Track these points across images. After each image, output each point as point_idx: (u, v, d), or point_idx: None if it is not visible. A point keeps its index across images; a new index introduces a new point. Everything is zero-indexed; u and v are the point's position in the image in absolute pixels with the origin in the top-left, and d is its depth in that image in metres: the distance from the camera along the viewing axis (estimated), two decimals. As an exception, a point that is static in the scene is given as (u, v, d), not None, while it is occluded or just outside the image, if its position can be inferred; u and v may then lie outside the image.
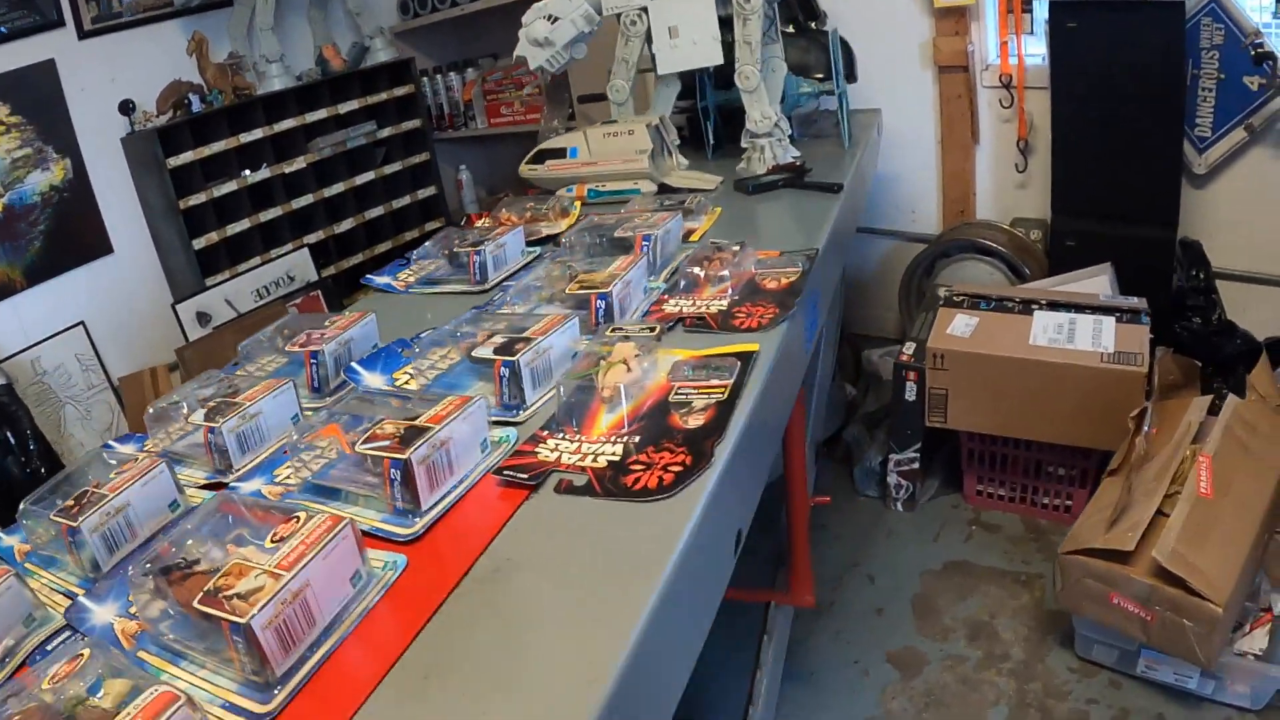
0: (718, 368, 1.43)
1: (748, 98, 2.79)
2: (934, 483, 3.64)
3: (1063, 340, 3.10)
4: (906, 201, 4.44)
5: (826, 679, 2.88)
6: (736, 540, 1.32)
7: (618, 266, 1.76)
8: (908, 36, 4.16)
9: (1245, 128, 3.66)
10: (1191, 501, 2.43)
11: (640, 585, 1.00)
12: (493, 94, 5.59)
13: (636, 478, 1.19)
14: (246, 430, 1.46)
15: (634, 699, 0.94)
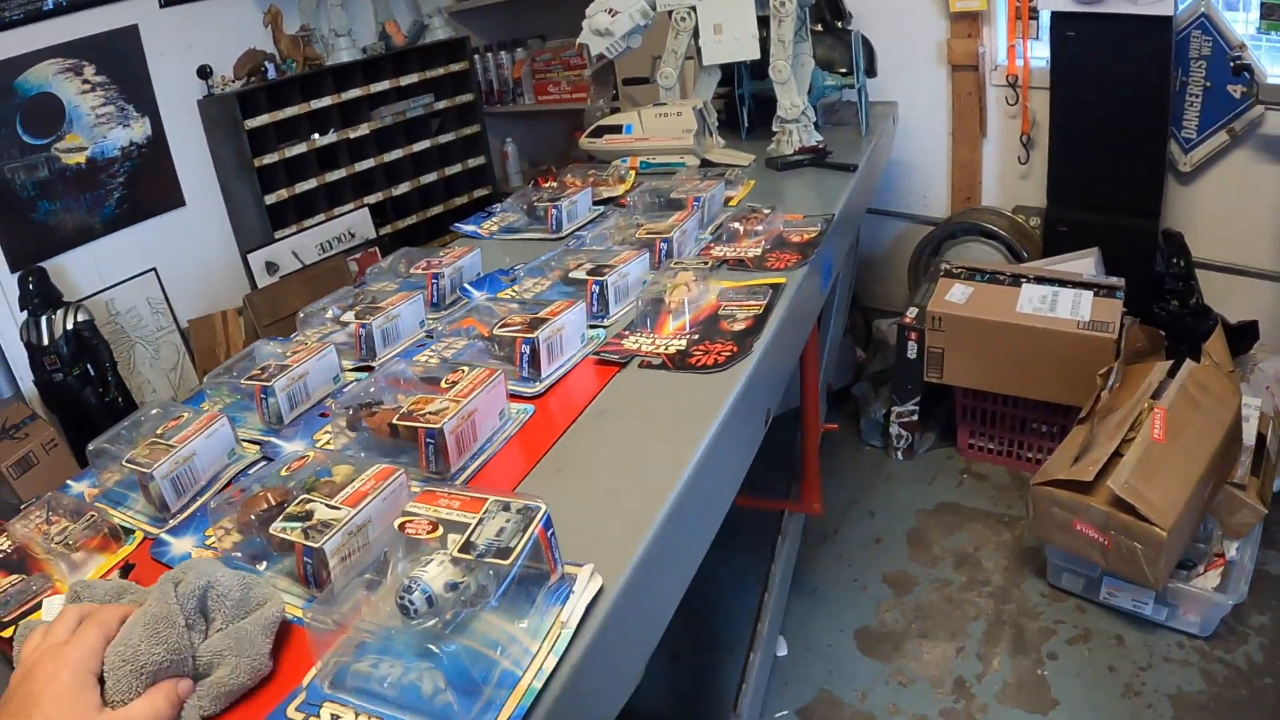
0: (755, 293, 1.89)
1: (779, 88, 3.12)
2: (931, 435, 4.02)
3: (1045, 309, 3.47)
4: (918, 187, 4.75)
5: (829, 593, 3.25)
6: (766, 417, 1.77)
7: (676, 218, 2.21)
8: (925, 37, 4.46)
9: (1227, 131, 4.01)
10: (1145, 444, 2.80)
11: (705, 421, 1.46)
12: (541, 73, 5.89)
13: (697, 359, 1.64)
14: (388, 328, 1.89)
15: (700, 490, 1.40)
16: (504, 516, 1.09)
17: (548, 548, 1.08)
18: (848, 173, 2.95)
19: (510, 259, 2.36)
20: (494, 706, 0.98)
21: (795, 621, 3.14)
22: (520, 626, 1.06)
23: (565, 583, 1.11)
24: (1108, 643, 3.03)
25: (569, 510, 1.22)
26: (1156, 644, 3.01)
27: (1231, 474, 3.10)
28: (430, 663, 1.00)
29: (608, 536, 1.22)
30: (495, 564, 1.04)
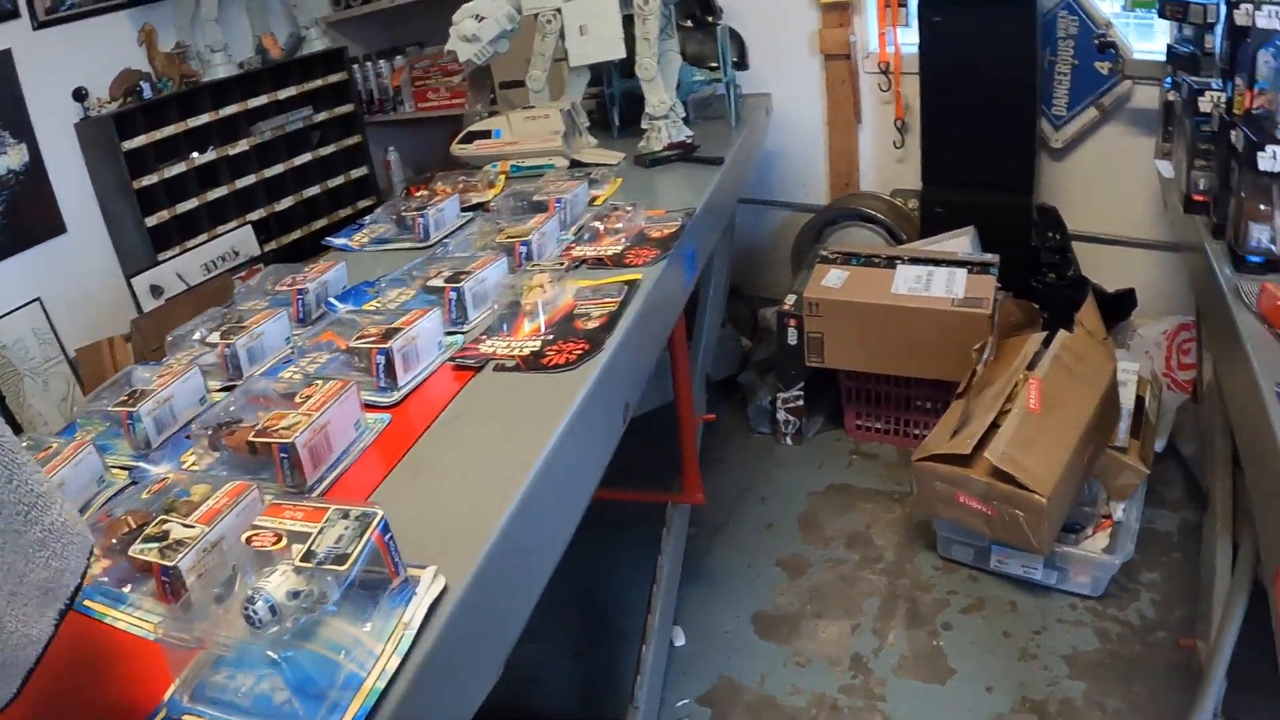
0: (611, 290, 1.92)
1: (646, 86, 3.16)
2: (819, 419, 4.08)
3: (920, 289, 3.55)
4: (798, 176, 4.82)
5: (724, 580, 3.29)
6: (625, 411, 1.81)
7: (536, 221, 2.24)
8: (797, 29, 4.53)
9: (1096, 107, 4.12)
10: (1021, 414, 2.88)
11: (553, 419, 1.50)
12: (420, 80, 5.86)
13: (550, 359, 1.68)
14: (253, 346, 1.90)
15: (551, 486, 1.44)
16: (343, 524, 1.12)
17: (386, 552, 1.11)
18: (714, 166, 2.99)
19: (382, 270, 2.37)
20: (339, 708, 1.01)
21: (692, 611, 3.18)
22: (365, 630, 1.09)
23: (409, 585, 1.14)
24: (1001, 609, 3.10)
25: (419, 514, 1.26)
26: (1049, 607, 3.09)
27: (1112, 438, 3.19)
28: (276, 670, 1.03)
29: (455, 537, 1.25)
30: (333, 570, 1.07)
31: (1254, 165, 2.20)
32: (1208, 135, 2.71)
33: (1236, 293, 2.19)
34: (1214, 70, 2.75)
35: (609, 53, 3.20)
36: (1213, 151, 2.68)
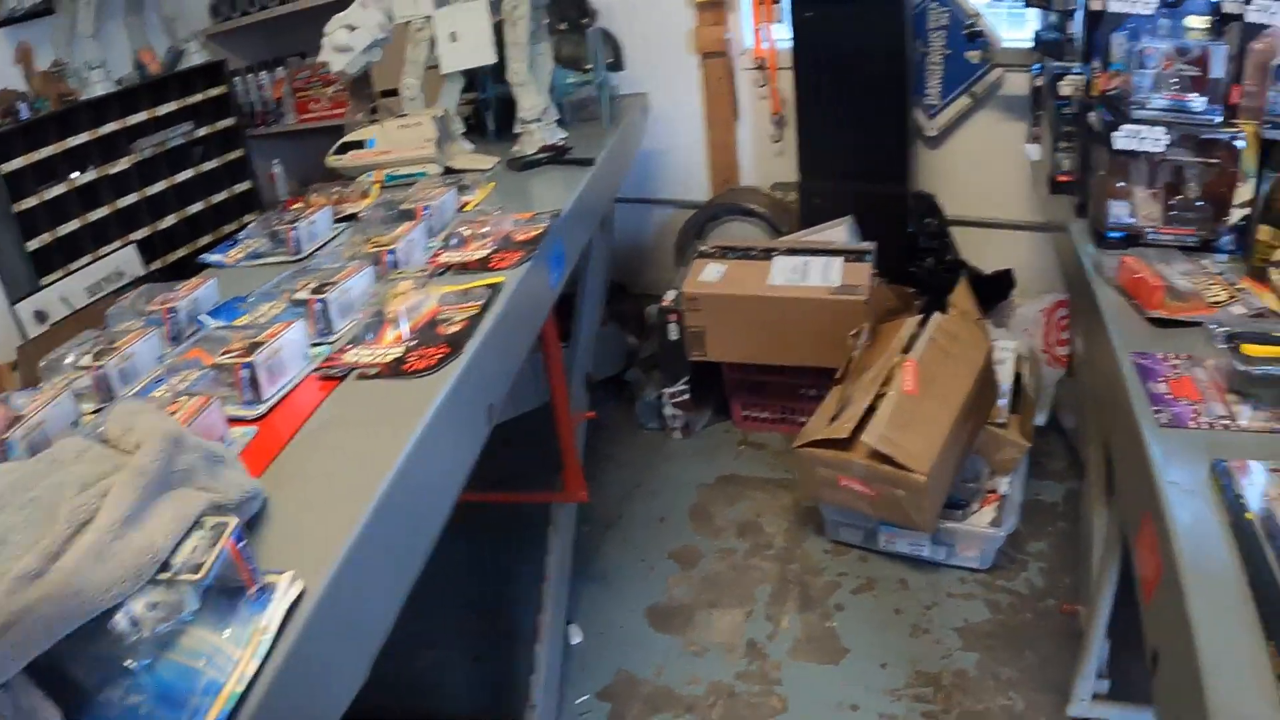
0: (473, 295, 1.96)
1: (518, 90, 3.19)
2: (707, 412, 4.13)
3: (797, 279, 3.61)
4: (679, 173, 4.87)
5: (618, 577, 3.33)
6: (488, 413, 1.84)
7: (403, 229, 2.26)
8: (674, 28, 4.58)
9: (969, 95, 4.22)
10: (898, 396, 2.95)
11: (412, 422, 1.52)
12: (301, 91, 5.84)
13: (411, 365, 1.70)
14: (125, 367, 1.91)
15: (411, 490, 1.47)
16: (199, 534, 1.14)
17: (240, 559, 1.14)
18: (585, 167, 3.02)
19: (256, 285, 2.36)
20: (200, 713, 1.03)
21: (587, 608, 3.21)
22: (224, 636, 1.11)
23: (267, 590, 1.16)
24: (892, 588, 3.18)
25: (280, 522, 1.28)
26: (939, 582, 3.18)
27: (993, 415, 3.27)
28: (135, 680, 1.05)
29: (313, 542, 1.27)
30: (188, 579, 1.09)
31: (1110, 145, 2.28)
32: (1069, 118, 2.79)
33: (1097, 268, 2.26)
34: (1075, 55, 2.82)
35: (480, 59, 3.21)
36: (1074, 133, 2.76)
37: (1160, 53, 2.31)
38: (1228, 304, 2.03)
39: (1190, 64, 2.32)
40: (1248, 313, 2.00)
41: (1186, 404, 1.66)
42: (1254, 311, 2.01)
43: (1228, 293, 2.07)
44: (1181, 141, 2.28)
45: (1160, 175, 2.33)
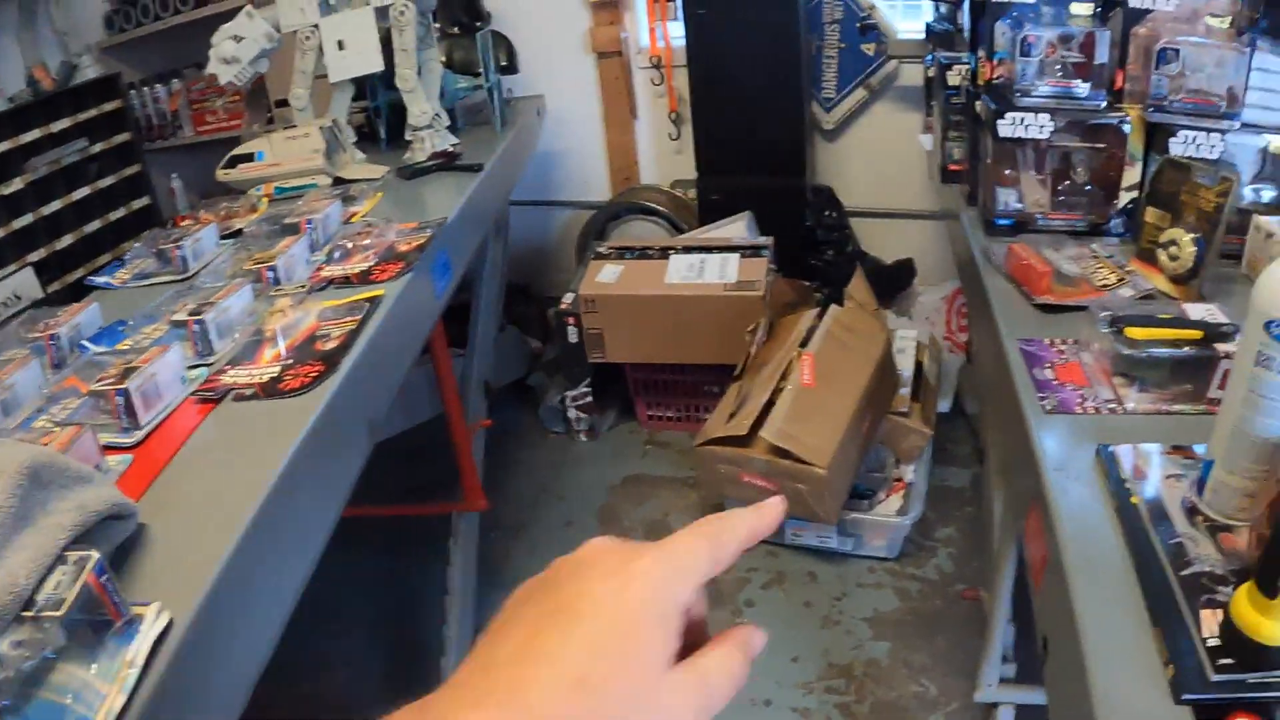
0: (353, 309, 1.92)
1: (407, 97, 3.15)
2: (612, 413, 4.13)
3: (694, 276, 3.61)
4: (579, 174, 4.87)
5: (527, 584, 3.30)
6: (369, 428, 1.81)
7: (284, 244, 2.23)
8: (569, 28, 4.58)
9: (865, 87, 4.26)
10: (796, 390, 2.95)
11: (285, 443, 1.49)
12: (198, 103, 5.72)
13: (286, 384, 1.67)
14: (7, 399, 1.86)
15: (285, 511, 1.44)
16: (62, 570, 1.11)
17: (104, 593, 1.11)
18: (474, 173, 3.00)
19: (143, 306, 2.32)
20: (67, 751, 1.00)
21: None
22: (91, 671, 1.08)
23: (134, 623, 1.14)
24: (801, 581, 3.20)
25: (153, 551, 1.25)
26: (848, 573, 3.20)
27: (895, 404, 3.29)
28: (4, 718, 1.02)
29: (182, 572, 1.24)
30: (51, 616, 1.06)
31: (995, 132, 2.29)
32: (958, 107, 2.82)
33: (986, 255, 2.27)
34: (964, 45, 2.84)
35: (367, 66, 3.17)
36: (963, 122, 2.78)
37: (1043, 40, 2.33)
38: (1116, 287, 2.05)
39: (1074, 50, 2.34)
40: (1136, 295, 2.02)
41: (1073, 389, 1.67)
42: (1142, 293, 2.03)
43: (1117, 275, 2.09)
44: (1068, 127, 2.30)
45: (1048, 161, 2.35)
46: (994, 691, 2.59)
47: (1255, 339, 1.15)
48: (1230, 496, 1.26)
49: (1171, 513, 1.30)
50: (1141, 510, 1.31)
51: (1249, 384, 1.17)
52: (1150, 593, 1.18)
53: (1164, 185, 2.13)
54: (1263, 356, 1.14)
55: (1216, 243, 2.00)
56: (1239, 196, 2.18)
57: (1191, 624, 1.11)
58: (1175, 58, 2.25)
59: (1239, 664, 1.04)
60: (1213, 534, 1.25)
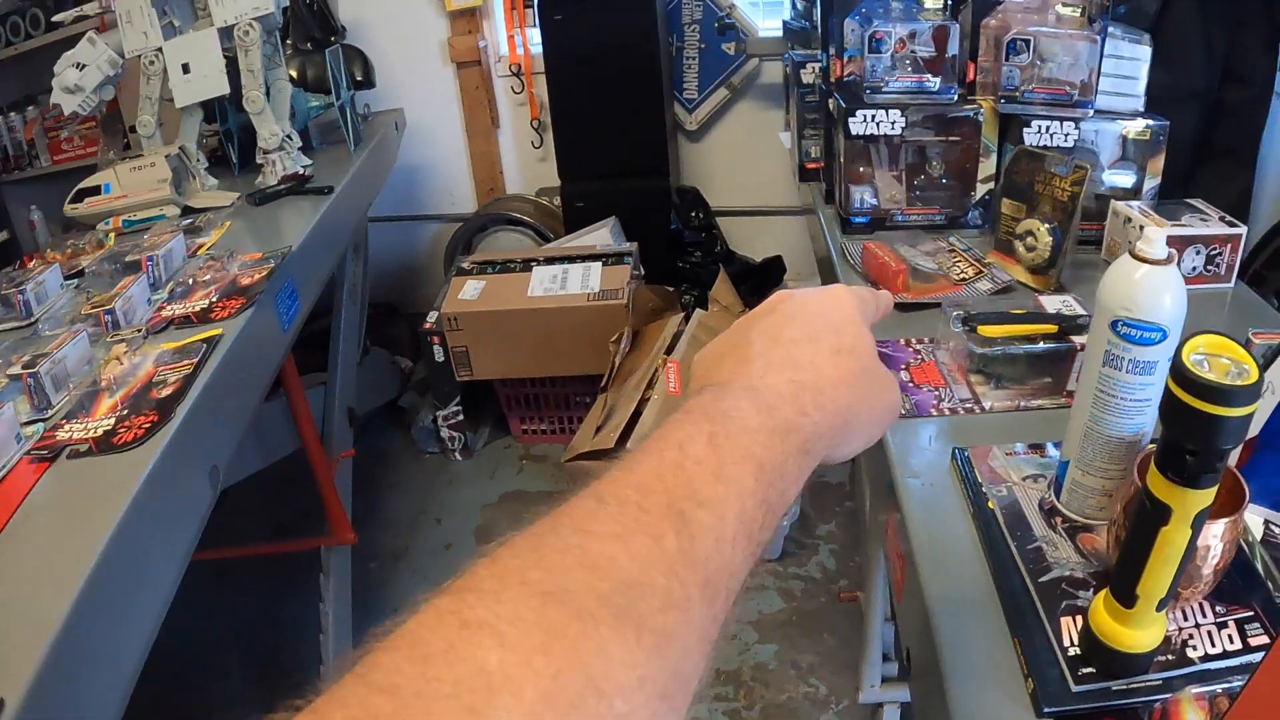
0: (191, 352, 1.85)
1: (256, 119, 3.07)
2: (485, 430, 4.08)
3: (557, 288, 3.58)
4: (443, 186, 4.80)
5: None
6: (214, 475, 1.74)
7: (122, 285, 2.14)
8: (427, 39, 4.51)
9: (727, 87, 4.27)
10: (662, 399, 2.91)
11: (118, 501, 1.42)
12: (53, 131, 5.54)
13: (121, 437, 1.59)
14: None
15: (122, 572, 1.37)
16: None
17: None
18: (324, 195, 2.93)
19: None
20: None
21: (380, 646, 3.10)
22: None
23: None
24: (684, 590, 3.14)
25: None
26: (731, 578, 3.14)
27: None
28: None
29: (14, 649, 1.18)
30: None
31: (848, 130, 2.29)
32: (812, 105, 2.82)
33: (844, 255, 2.27)
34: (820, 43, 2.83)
35: (213, 89, 3.08)
36: (818, 120, 2.78)
37: (893, 35, 2.33)
38: (975, 280, 2.05)
39: (925, 45, 2.34)
40: (994, 288, 2.03)
41: (929, 390, 1.65)
42: (1001, 286, 2.03)
43: (975, 268, 2.09)
44: (923, 122, 2.31)
45: (903, 157, 2.35)
46: (876, 692, 2.59)
47: (1103, 338, 1.13)
48: (1087, 497, 1.25)
49: (1029, 516, 1.29)
50: (998, 515, 1.29)
51: (1099, 383, 1.16)
52: (1008, 602, 1.16)
53: (1019, 176, 2.14)
54: (1110, 356, 1.13)
55: (1073, 231, 2.01)
56: (1098, 182, 2.20)
57: (1051, 633, 1.09)
58: (1026, 48, 2.27)
59: (1100, 673, 1.03)
60: (1072, 536, 1.24)
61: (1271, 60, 3.05)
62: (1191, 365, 0.87)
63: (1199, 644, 1.06)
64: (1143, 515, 0.94)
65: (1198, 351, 0.89)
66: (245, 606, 3.33)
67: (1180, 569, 0.95)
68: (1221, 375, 0.86)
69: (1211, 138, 3.12)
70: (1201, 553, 1.03)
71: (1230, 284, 2.02)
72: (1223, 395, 0.85)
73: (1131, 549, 0.97)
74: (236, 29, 3.00)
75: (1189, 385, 0.87)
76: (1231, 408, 0.85)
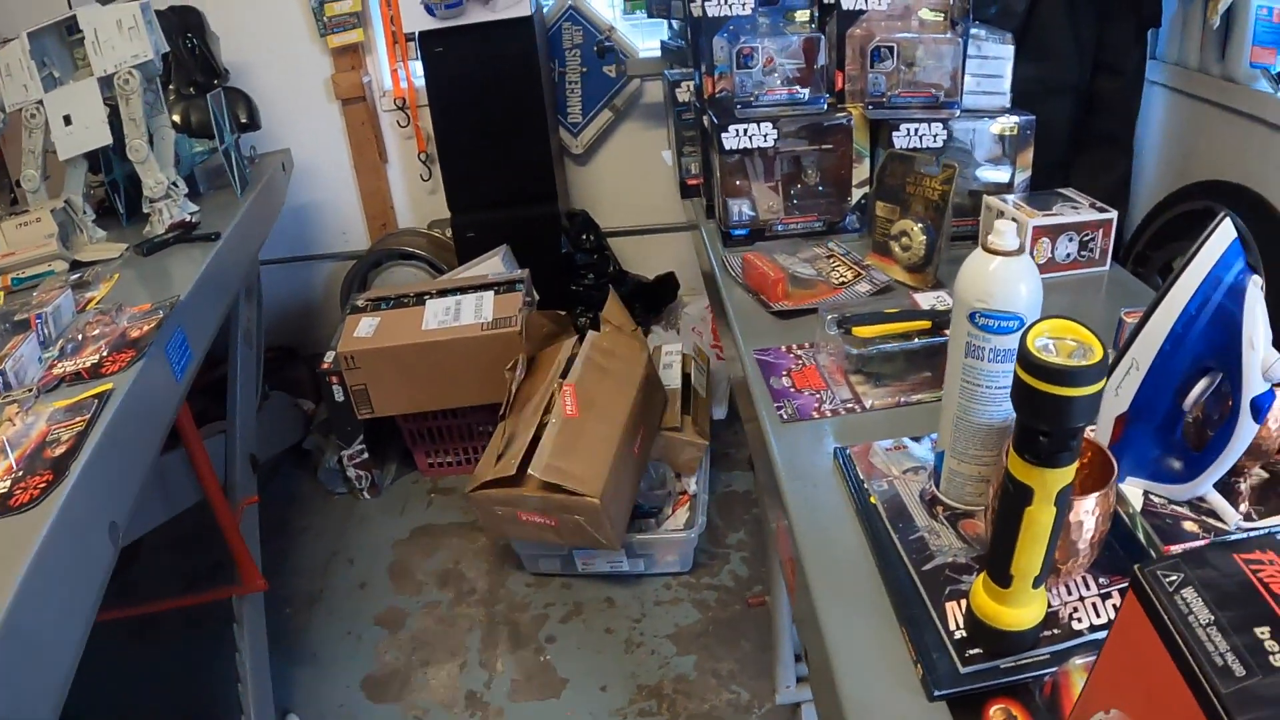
0: (83, 408, 1.85)
1: (140, 168, 3.04)
2: (392, 466, 4.08)
3: (450, 320, 3.59)
4: (335, 225, 4.78)
5: (326, 654, 3.22)
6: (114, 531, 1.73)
7: (11, 345, 2.12)
8: (311, 77, 4.48)
9: (610, 109, 4.30)
10: (560, 423, 2.93)
11: (16, 564, 1.41)
12: (-69, 189, 5.53)
13: (16, 499, 1.59)
14: None
15: (24, 639, 1.36)
16: None
17: None
18: (211, 241, 2.92)
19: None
20: None
21: (304, 692, 3.10)
22: None
23: None
24: (599, 609, 3.21)
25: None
26: (644, 594, 3.23)
27: (668, 420, 3.33)
28: None
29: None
30: None
31: (722, 145, 2.34)
32: (689, 123, 2.86)
33: (724, 266, 2.31)
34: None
35: (95, 140, 3.05)
36: (695, 137, 2.82)
37: (761, 51, 2.38)
38: (854, 283, 2.11)
39: (793, 58, 2.39)
40: (873, 289, 2.09)
41: (810, 394, 1.70)
42: (879, 286, 2.10)
43: (854, 272, 2.15)
44: (797, 133, 2.36)
45: (778, 168, 2.41)
46: (792, 692, 2.64)
47: (963, 330, 1.18)
48: (964, 484, 1.30)
49: (911, 508, 1.33)
50: (880, 510, 1.34)
51: (963, 374, 1.21)
52: (894, 592, 1.20)
53: (890, 179, 2.20)
54: (972, 346, 1.18)
55: (945, 229, 2.07)
56: (972, 179, 2.27)
57: (937, 619, 1.14)
58: (890, 55, 2.34)
59: (987, 653, 1.08)
60: (953, 523, 1.29)
61: (1141, 50, 3.15)
62: (1036, 350, 0.92)
63: (1084, 616, 1.12)
64: (1006, 498, 0.99)
65: (1042, 336, 0.94)
66: (161, 662, 3.28)
67: (1051, 546, 0.99)
68: (1066, 357, 0.91)
69: (1088, 127, 3.22)
70: (1075, 528, 1.08)
71: (1105, 267, 2.10)
72: (1066, 376, 0.89)
73: (1001, 531, 1.01)
74: (116, 78, 2.98)
75: (1033, 369, 0.91)
76: (1076, 388, 0.89)
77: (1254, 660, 0.59)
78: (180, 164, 3.31)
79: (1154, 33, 3.19)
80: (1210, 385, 1.20)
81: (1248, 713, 0.56)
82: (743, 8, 2.46)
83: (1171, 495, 1.26)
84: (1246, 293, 1.13)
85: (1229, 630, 0.62)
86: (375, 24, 4.39)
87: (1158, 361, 1.20)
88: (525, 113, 4.13)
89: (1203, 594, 0.65)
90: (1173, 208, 3.08)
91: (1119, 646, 0.74)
